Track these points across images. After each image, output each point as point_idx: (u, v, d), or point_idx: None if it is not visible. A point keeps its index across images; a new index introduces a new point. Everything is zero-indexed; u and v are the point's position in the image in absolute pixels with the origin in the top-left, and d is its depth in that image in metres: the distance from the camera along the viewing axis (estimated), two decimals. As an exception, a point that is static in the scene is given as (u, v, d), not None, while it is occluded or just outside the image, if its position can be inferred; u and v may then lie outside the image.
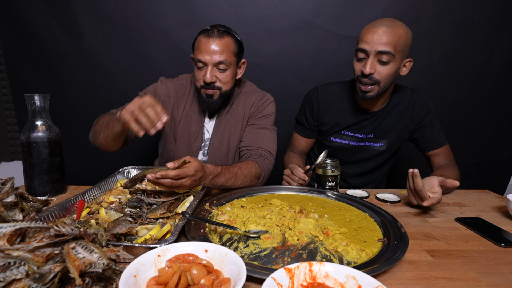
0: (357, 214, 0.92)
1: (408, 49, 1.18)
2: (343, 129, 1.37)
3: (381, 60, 1.13)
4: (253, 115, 1.31)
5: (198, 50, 1.16)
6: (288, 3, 1.82)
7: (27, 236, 0.57)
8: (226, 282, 0.52)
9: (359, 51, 1.17)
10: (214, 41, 1.13)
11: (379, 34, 1.11)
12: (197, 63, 1.18)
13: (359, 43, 1.18)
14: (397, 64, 1.16)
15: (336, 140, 1.39)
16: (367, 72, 1.14)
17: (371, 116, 1.32)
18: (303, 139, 1.48)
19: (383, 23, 1.13)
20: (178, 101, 1.30)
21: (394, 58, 1.13)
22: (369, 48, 1.13)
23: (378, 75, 1.15)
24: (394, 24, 1.12)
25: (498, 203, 1.11)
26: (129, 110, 0.86)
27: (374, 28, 1.13)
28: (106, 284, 0.53)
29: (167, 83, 1.32)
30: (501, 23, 1.82)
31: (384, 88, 1.19)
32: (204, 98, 1.22)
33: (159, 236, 0.72)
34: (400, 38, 1.12)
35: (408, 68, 1.22)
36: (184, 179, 0.84)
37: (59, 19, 1.83)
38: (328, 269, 0.55)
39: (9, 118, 2.02)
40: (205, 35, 1.15)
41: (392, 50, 1.11)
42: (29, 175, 1.03)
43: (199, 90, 1.22)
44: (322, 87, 1.41)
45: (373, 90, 1.19)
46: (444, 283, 0.63)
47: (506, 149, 2.06)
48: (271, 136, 1.29)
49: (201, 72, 1.18)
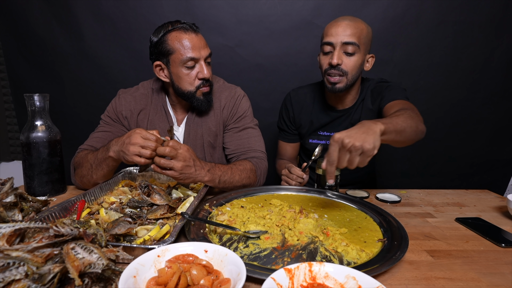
0: (357, 214, 0.92)
1: (370, 44, 1.22)
2: (318, 130, 1.38)
3: (347, 51, 1.16)
4: (229, 118, 1.25)
5: (188, 48, 1.07)
6: (288, 3, 1.82)
7: (27, 236, 0.57)
8: (226, 283, 0.52)
9: (325, 44, 1.19)
10: (198, 35, 1.11)
11: (343, 27, 1.15)
12: (187, 63, 1.09)
13: (324, 38, 1.21)
14: (361, 57, 1.19)
15: (314, 141, 1.40)
16: (335, 63, 1.16)
17: (343, 114, 1.33)
18: (288, 145, 1.49)
19: (345, 18, 1.18)
20: (141, 112, 1.23)
21: (359, 49, 1.17)
22: (334, 40, 1.16)
23: (345, 66, 1.18)
24: (355, 19, 1.18)
25: (498, 203, 1.11)
26: (135, 153, 0.88)
27: (337, 22, 1.17)
28: (105, 284, 0.53)
29: (126, 97, 1.23)
30: (501, 23, 1.82)
31: (352, 80, 1.21)
32: (202, 99, 1.15)
33: (158, 236, 0.72)
34: (362, 31, 1.16)
35: (371, 64, 1.26)
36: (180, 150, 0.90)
37: (59, 19, 1.83)
38: (328, 270, 0.55)
39: (9, 118, 2.02)
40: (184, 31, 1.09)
41: (356, 41, 1.15)
42: (29, 175, 1.03)
43: (195, 93, 1.14)
44: (294, 91, 1.45)
45: (342, 82, 1.20)
46: (444, 284, 0.62)
47: (506, 149, 2.06)
48: (255, 134, 1.26)
49: (193, 70, 1.11)
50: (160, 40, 1.10)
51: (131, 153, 0.88)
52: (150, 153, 0.88)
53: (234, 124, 1.26)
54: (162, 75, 1.16)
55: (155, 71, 1.16)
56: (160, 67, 1.15)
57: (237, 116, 1.26)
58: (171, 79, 1.15)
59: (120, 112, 1.22)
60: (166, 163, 0.89)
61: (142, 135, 0.88)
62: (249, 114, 1.28)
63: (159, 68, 1.15)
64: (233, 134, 1.25)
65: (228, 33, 1.87)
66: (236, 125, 1.26)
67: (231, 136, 1.25)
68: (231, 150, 1.24)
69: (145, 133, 0.89)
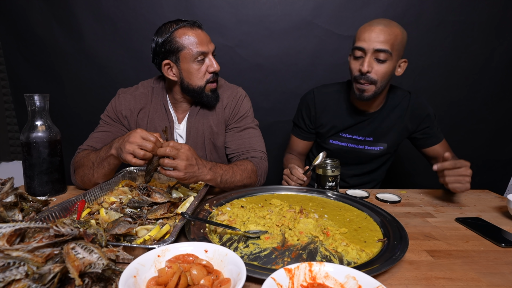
0: (357, 214, 0.92)
1: (403, 49, 1.19)
2: (341, 131, 1.37)
3: (378, 58, 1.14)
4: (231, 118, 1.26)
5: (197, 43, 1.10)
6: (288, 3, 1.82)
7: (27, 236, 0.57)
8: (226, 283, 0.52)
9: (357, 49, 1.17)
10: (203, 31, 1.13)
11: (376, 33, 1.12)
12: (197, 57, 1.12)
13: (356, 42, 1.18)
14: (393, 64, 1.16)
15: (335, 142, 1.39)
16: (365, 70, 1.14)
17: (368, 118, 1.32)
18: (301, 142, 1.48)
19: (380, 22, 1.14)
20: (141, 111, 1.23)
21: (391, 57, 1.14)
22: (366, 46, 1.13)
23: (375, 74, 1.16)
24: (390, 23, 1.14)
25: (498, 203, 1.11)
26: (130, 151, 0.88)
27: (371, 27, 1.14)
28: (105, 284, 0.53)
29: (126, 96, 1.23)
30: (501, 23, 1.82)
31: (381, 88, 1.19)
32: (211, 95, 1.18)
33: (158, 236, 0.72)
34: (397, 37, 1.13)
35: (403, 69, 1.23)
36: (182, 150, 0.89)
37: (59, 19, 1.83)
38: (328, 270, 0.55)
39: (9, 118, 2.02)
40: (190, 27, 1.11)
41: (389, 48, 1.12)
42: (29, 175, 1.03)
43: (204, 88, 1.16)
44: (317, 89, 1.41)
45: (370, 90, 1.19)
46: (444, 284, 0.63)
47: (506, 149, 2.06)
48: (256, 134, 1.26)
49: (203, 65, 1.14)
50: (168, 38, 1.10)
51: (126, 151, 0.88)
52: (143, 153, 0.87)
53: (235, 124, 1.26)
54: (171, 74, 1.16)
55: (164, 70, 1.16)
56: (169, 65, 1.15)
57: (238, 116, 1.26)
58: (180, 77, 1.16)
59: (120, 112, 1.22)
60: (170, 162, 0.89)
61: (142, 135, 0.88)
62: (250, 114, 1.29)
63: (167, 67, 1.15)
64: (234, 134, 1.25)
65: (228, 33, 1.87)
66: (237, 125, 1.26)
67: (232, 135, 1.26)
68: (232, 150, 1.25)
69: (146, 133, 0.89)
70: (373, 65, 1.15)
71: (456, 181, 1.04)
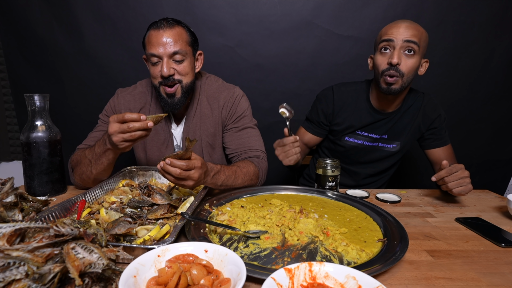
0: (357, 214, 0.92)
1: (426, 49, 1.21)
2: (358, 129, 1.37)
3: (408, 50, 1.15)
4: (228, 118, 1.25)
5: (150, 44, 1.08)
6: (288, 3, 1.82)
7: (27, 236, 0.57)
8: (226, 282, 0.52)
9: (384, 41, 1.17)
10: (165, 32, 1.07)
11: (404, 28, 1.15)
12: (150, 58, 1.09)
13: (382, 37, 1.19)
14: (419, 60, 1.18)
15: (351, 140, 1.38)
16: (395, 62, 1.15)
17: (386, 117, 1.33)
18: (309, 134, 1.47)
19: (405, 20, 1.18)
20: (141, 110, 1.23)
21: (418, 51, 1.16)
22: (395, 37, 1.15)
23: (404, 67, 1.16)
24: (413, 22, 1.18)
25: (498, 203, 1.11)
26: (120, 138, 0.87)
27: (397, 24, 1.17)
28: (105, 284, 0.53)
29: (125, 95, 1.24)
30: (501, 23, 1.82)
31: (407, 82, 1.20)
32: (166, 99, 1.13)
33: (158, 236, 0.72)
34: (422, 34, 1.16)
35: (424, 69, 1.25)
36: (193, 171, 0.85)
37: (59, 19, 1.83)
38: (328, 269, 0.55)
39: (9, 118, 2.02)
40: (154, 28, 1.08)
41: (417, 41, 1.14)
42: (29, 175, 1.03)
43: (159, 90, 1.13)
44: (337, 87, 1.40)
45: (397, 83, 1.19)
46: (444, 283, 0.63)
47: (506, 149, 2.06)
48: (255, 133, 1.26)
49: (157, 67, 1.10)
50: (144, 35, 1.13)
51: (116, 143, 0.88)
52: (130, 135, 0.86)
53: (233, 124, 1.25)
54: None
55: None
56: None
57: (236, 116, 1.25)
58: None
59: (119, 111, 1.21)
60: (180, 183, 0.86)
61: (117, 120, 0.86)
62: (248, 114, 1.27)
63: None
64: (233, 134, 1.25)
65: (228, 33, 1.87)
66: (236, 125, 1.25)
67: (230, 136, 1.25)
68: (232, 150, 1.24)
69: (119, 117, 0.86)
70: (402, 58, 1.16)
71: (458, 185, 1.04)
